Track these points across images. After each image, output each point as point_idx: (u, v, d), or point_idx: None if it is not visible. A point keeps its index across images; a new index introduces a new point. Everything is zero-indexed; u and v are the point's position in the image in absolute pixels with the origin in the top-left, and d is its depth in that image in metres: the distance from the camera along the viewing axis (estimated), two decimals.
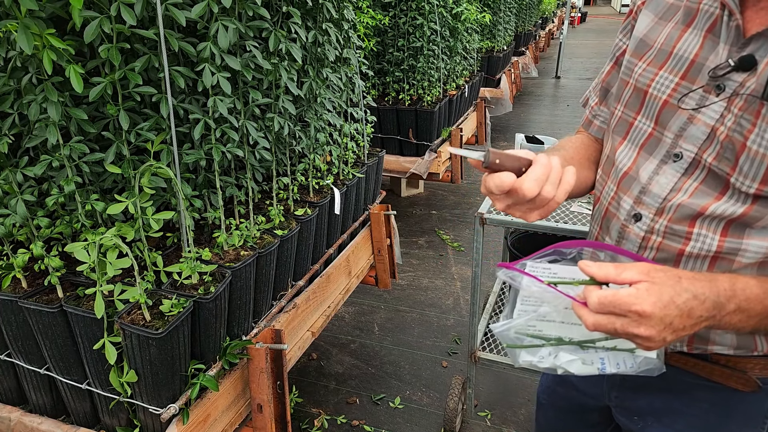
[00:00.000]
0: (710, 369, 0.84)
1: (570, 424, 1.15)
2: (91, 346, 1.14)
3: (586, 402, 1.08)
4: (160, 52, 1.11)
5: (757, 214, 0.72)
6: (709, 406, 0.87)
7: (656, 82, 0.83)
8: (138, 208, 1.13)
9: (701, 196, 0.77)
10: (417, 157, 3.47)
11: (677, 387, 0.89)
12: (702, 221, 0.77)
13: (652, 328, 0.64)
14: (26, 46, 0.93)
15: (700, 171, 0.78)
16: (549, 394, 1.18)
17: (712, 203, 0.75)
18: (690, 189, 0.78)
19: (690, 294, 0.65)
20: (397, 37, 3.31)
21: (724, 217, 0.74)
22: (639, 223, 0.83)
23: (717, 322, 0.67)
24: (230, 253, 1.39)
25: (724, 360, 0.83)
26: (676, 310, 0.64)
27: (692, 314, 0.65)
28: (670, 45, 0.82)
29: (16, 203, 1.14)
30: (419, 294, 3.09)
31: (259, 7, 1.24)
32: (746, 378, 0.81)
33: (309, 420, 2.19)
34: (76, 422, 1.32)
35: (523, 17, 7.37)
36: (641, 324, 0.64)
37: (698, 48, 0.78)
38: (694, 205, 0.77)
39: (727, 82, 0.73)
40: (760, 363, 0.81)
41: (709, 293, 0.66)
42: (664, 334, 0.65)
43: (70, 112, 1.10)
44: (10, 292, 1.20)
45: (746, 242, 0.74)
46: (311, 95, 1.64)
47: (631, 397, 0.97)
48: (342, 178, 1.98)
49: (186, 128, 1.28)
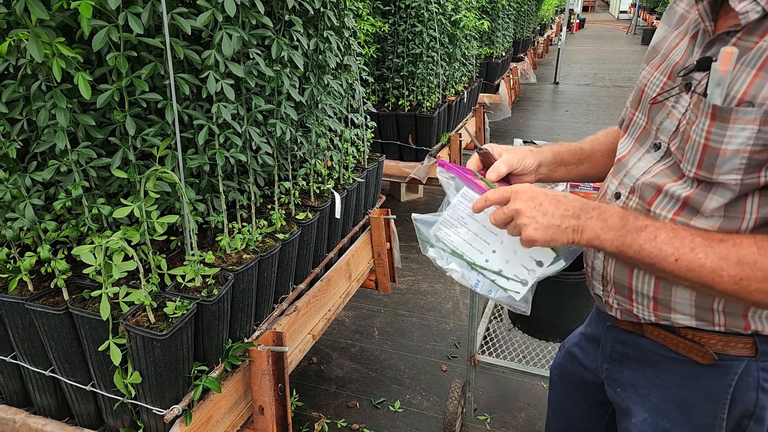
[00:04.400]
0: (677, 341, 0.91)
1: (575, 401, 1.19)
2: (96, 348, 1.16)
3: (587, 377, 1.13)
4: (166, 59, 1.14)
5: (698, 197, 0.80)
6: (678, 378, 0.93)
7: (651, 81, 0.92)
8: (143, 212, 1.16)
9: (662, 176, 0.86)
10: (416, 162, 3.50)
11: (652, 359, 0.96)
12: (660, 200, 0.86)
13: (524, 202, 0.81)
14: (36, 54, 0.96)
15: (669, 158, 0.87)
16: (559, 370, 1.22)
17: (668, 183, 0.85)
18: (656, 171, 0.88)
19: (561, 194, 0.83)
20: (397, 43, 3.34)
21: (677, 198, 0.83)
22: (618, 201, 0.93)
23: (582, 223, 0.81)
24: (233, 257, 1.41)
25: (691, 334, 0.89)
26: (545, 195, 0.82)
27: (560, 203, 0.81)
28: (668, 50, 0.91)
29: (24, 207, 1.17)
30: (419, 298, 3.11)
31: (262, 16, 1.27)
32: (704, 351, 0.87)
33: (309, 423, 2.20)
34: (80, 424, 1.34)
35: (522, 24, 7.42)
36: (517, 200, 0.82)
37: (683, 53, 0.86)
38: (654, 183, 0.87)
39: (692, 80, 0.83)
40: (722, 339, 0.86)
41: (579, 200, 0.83)
42: (535, 212, 0.81)
43: (78, 118, 1.12)
44: (16, 294, 1.22)
45: (693, 223, 0.82)
46: (312, 101, 1.66)
47: (617, 369, 1.03)
48: (342, 182, 2.00)
49: (190, 134, 1.31)
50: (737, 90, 0.73)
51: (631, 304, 0.94)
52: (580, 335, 1.18)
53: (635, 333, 0.97)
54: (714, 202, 0.79)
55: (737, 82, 0.74)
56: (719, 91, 0.74)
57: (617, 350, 1.02)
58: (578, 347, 1.16)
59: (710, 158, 0.77)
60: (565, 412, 1.24)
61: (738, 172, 0.75)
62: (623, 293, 0.94)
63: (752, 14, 0.73)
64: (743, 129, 0.73)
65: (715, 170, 0.77)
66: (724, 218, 0.79)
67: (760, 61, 0.72)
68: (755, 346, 0.85)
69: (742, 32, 0.75)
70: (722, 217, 0.79)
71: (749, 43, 0.74)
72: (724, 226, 0.79)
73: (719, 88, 0.74)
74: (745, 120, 0.73)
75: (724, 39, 0.78)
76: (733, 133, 0.74)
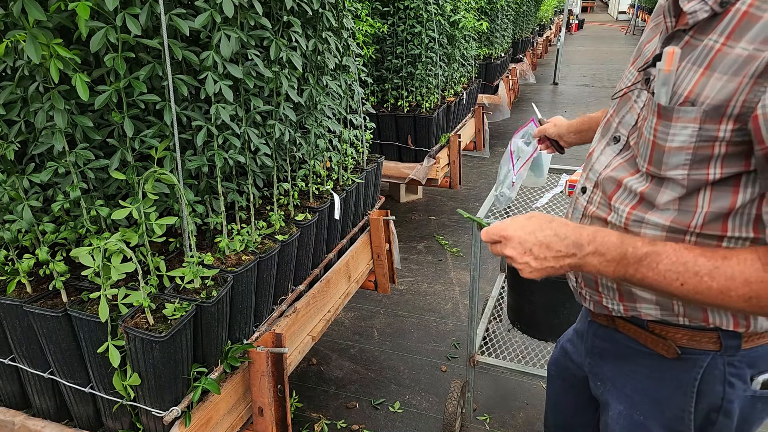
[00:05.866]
0: (645, 336, 0.93)
1: (569, 396, 1.21)
2: (94, 350, 1.15)
3: (577, 373, 1.15)
4: (164, 60, 1.14)
5: (652, 192, 0.82)
6: (648, 371, 0.95)
7: (626, 77, 0.94)
8: (142, 214, 1.15)
9: (621, 170, 0.89)
10: (416, 163, 3.49)
11: (626, 353, 0.98)
12: (619, 195, 0.88)
13: (513, 249, 0.81)
14: (34, 55, 0.95)
15: (628, 152, 0.89)
16: (555, 365, 1.24)
17: (626, 177, 0.87)
18: (615, 164, 0.90)
19: (552, 232, 0.80)
20: (396, 44, 3.34)
21: (633, 191, 0.85)
22: (584, 195, 0.97)
23: (579, 260, 0.80)
24: (232, 258, 1.41)
25: (658, 329, 0.91)
26: (534, 239, 0.80)
27: (551, 247, 0.80)
28: (643, 44, 0.93)
29: (23, 209, 1.16)
30: (418, 299, 3.11)
31: (261, 17, 1.27)
32: (668, 345, 0.90)
33: (309, 425, 2.20)
34: (79, 426, 1.33)
35: (521, 24, 7.42)
36: (506, 246, 0.82)
37: (654, 48, 0.88)
38: (614, 178, 0.89)
39: (650, 76, 0.85)
40: (687, 334, 0.88)
41: (571, 235, 0.80)
42: (526, 258, 0.81)
43: (76, 119, 1.12)
44: (15, 296, 1.22)
45: (648, 217, 0.84)
46: (311, 102, 1.66)
47: (598, 364, 1.05)
48: (341, 183, 2.00)
49: (189, 135, 1.31)
50: (684, 89, 0.75)
51: (599, 296, 0.96)
52: (573, 331, 1.20)
53: (610, 327, 1.00)
54: (666, 196, 0.81)
55: (684, 81, 0.75)
56: (665, 90, 0.76)
57: (597, 345, 1.05)
58: (570, 342, 1.19)
59: (658, 155, 0.80)
60: (561, 407, 1.27)
61: (684, 167, 0.77)
62: (591, 285, 0.97)
63: (701, 14, 0.74)
64: (685, 127, 0.75)
65: (662, 166, 0.79)
66: (678, 212, 0.81)
67: (707, 61, 0.73)
68: (719, 341, 0.86)
69: (694, 30, 0.76)
70: (676, 211, 0.81)
71: (698, 41, 0.75)
72: (677, 219, 0.81)
73: (665, 87, 0.76)
74: (687, 119, 0.75)
75: (679, 36, 0.79)
76: (676, 132, 0.76)
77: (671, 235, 0.82)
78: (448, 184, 3.80)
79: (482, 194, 4.58)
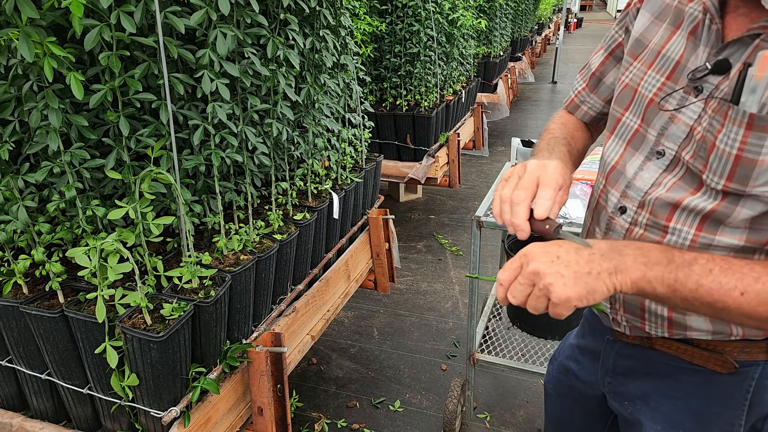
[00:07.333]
0: (691, 352, 0.88)
1: (574, 413, 1.17)
2: (92, 351, 1.15)
3: (586, 391, 1.10)
4: (160, 59, 1.13)
5: (725, 210, 0.75)
6: (692, 388, 0.90)
7: (645, 81, 0.86)
8: (138, 214, 1.15)
9: (677, 190, 0.80)
10: (415, 162, 3.49)
11: (662, 371, 0.93)
12: (679, 215, 0.80)
13: (539, 261, 0.71)
14: (27, 53, 0.95)
15: (680, 168, 0.81)
16: (554, 383, 1.20)
17: (686, 197, 0.79)
18: (669, 184, 0.81)
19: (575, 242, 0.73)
20: (394, 43, 3.33)
21: (698, 211, 0.77)
22: (624, 216, 0.87)
23: (618, 262, 0.71)
24: (230, 258, 1.40)
25: (704, 344, 0.86)
26: (557, 246, 0.72)
27: (580, 250, 0.71)
28: (659, 45, 0.85)
29: (18, 209, 1.15)
30: (418, 298, 3.10)
31: (257, 15, 1.26)
32: (723, 360, 0.85)
33: (309, 424, 2.19)
34: (78, 427, 1.33)
35: (519, 23, 7.41)
36: (530, 262, 0.72)
37: (683, 50, 0.81)
38: (671, 198, 0.80)
39: (704, 84, 0.76)
40: (738, 346, 0.84)
41: (604, 243, 0.73)
42: (555, 267, 0.70)
43: (71, 118, 1.11)
44: (11, 298, 1.21)
45: (718, 238, 0.77)
46: (309, 101, 1.66)
47: (622, 383, 1.00)
48: (340, 183, 1.99)
49: (185, 134, 1.30)
50: None
51: (642, 323, 0.91)
52: (572, 347, 1.15)
53: (643, 346, 0.94)
54: (742, 215, 0.74)
55: None
56: (754, 99, 0.68)
57: (621, 364, 0.99)
58: (573, 360, 1.13)
59: (744, 170, 0.71)
60: (564, 424, 1.23)
61: None
62: (634, 313, 0.91)
63: None
64: None
65: (749, 182, 0.71)
66: (750, 230, 0.75)
67: None
68: None
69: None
70: (747, 229, 0.75)
71: None
72: (752, 238, 0.75)
73: (754, 95, 0.68)
74: None
75: (746, 42, 0.71)
76: None
77: (741, 255, 0.76)
78: (448, 183, 3.80)
79: (481, 193, 4.58)
